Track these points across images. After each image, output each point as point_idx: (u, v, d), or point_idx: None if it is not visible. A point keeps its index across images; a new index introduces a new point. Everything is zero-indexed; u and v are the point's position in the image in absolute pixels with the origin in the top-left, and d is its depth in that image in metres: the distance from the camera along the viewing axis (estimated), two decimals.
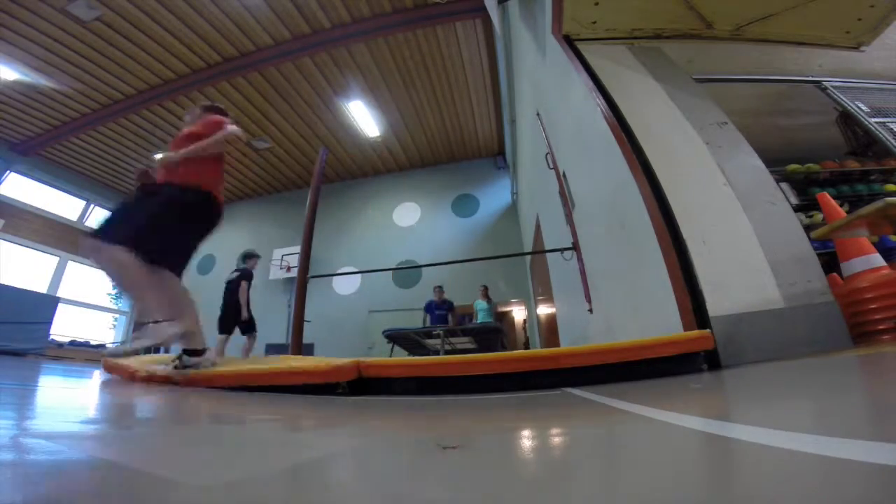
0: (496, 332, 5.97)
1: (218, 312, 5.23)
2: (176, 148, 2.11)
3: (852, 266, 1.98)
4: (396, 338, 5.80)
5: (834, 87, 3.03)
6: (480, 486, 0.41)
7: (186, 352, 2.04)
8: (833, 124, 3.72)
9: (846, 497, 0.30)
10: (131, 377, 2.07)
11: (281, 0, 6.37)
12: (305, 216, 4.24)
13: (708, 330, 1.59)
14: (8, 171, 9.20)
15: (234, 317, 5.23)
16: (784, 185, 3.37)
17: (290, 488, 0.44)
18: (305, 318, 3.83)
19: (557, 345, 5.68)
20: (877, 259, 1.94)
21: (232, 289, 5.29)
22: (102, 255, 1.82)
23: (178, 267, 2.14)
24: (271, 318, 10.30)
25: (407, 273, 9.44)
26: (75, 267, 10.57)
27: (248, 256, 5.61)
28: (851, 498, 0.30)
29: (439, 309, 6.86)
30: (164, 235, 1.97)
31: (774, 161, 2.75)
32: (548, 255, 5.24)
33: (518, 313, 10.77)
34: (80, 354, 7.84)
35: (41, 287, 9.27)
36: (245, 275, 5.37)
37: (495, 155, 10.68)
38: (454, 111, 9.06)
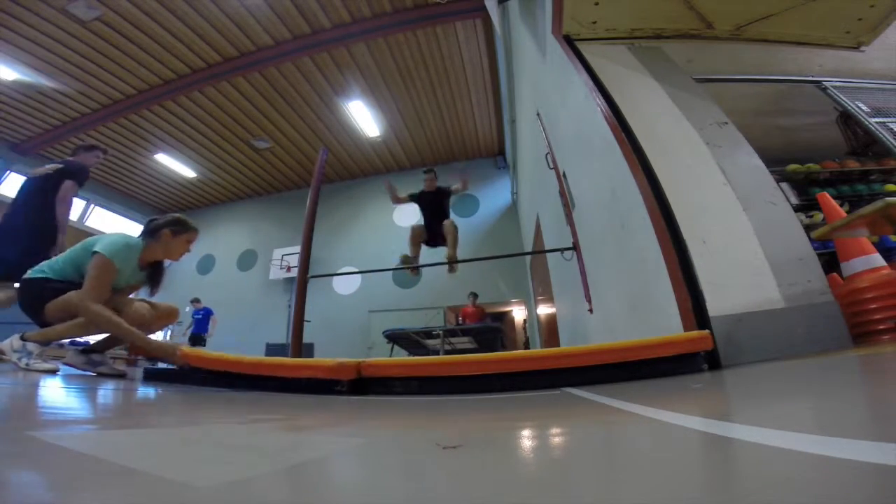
0: (496, 332, 5.97)
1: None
2: None
3: (852, 266, 1.98)
4: (396, 338, 5.81)
5: (834, 87, 3.03)
6: (481, 485, 0.41)
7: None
8: (833, 124, 3.72)
9: (846, 497, 0.30)
10: None
11: (281, 0, 6.37)
12: (305, 216, 4.24)
13: (707, 330, 1.59)
14: (8, 172, 9.19)
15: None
16: (784, 185, 3.37)
17: (291, 488, 0.44)
18: (305, 318, 3.83)
19: (557, 345, 5.68)
20: (877, 259, 1.94)
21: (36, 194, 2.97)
22: None
23: None
24: (271, 319, 10.31)
25: (407, 274, 9.44)
26: None
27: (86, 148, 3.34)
28: (851, 498, 0.30)
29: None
30: None
31: (774, 161, 2.75)
32: (548, 255, 5.24)
33: (518, 313, 10.78)
34: None
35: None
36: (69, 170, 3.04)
37: (495, 155, 10.69)
38: (454, 111, 9.06)
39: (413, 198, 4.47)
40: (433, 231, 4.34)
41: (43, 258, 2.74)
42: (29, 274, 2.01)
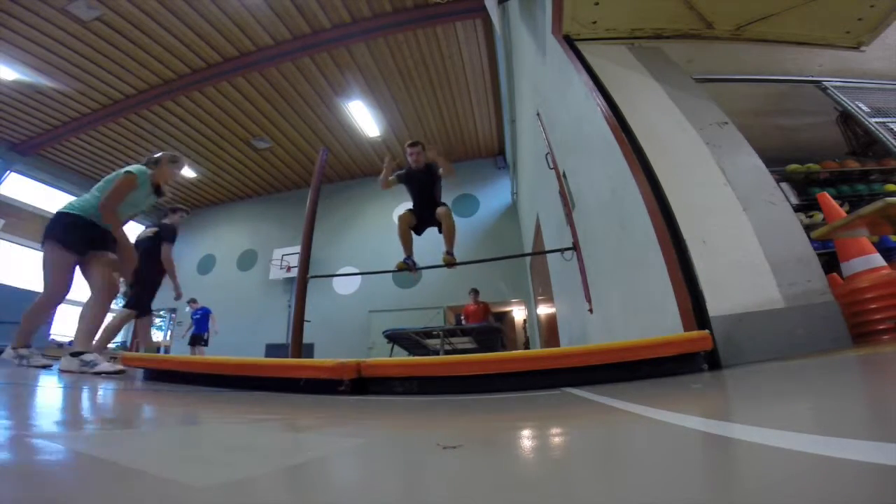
0: (496, 332, 5.97)
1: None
2: None
3: (852, 266, 1.98)
4: (396, 338, 5.81)
5: (834, 87, 3.03)
6: (480, 485, 0.41)
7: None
8: (833, 124, 3.71)
9: (846, 497, 0.30)
10: None
11: (281, 0, 6.37)
12: (305, 216, 4.24)
13: (707, 330, 1.59)
14: (8, 171, 9.19)
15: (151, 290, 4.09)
16: (784, 185, 3.36)
17: (291, 488, 0.44)
18: (305, 318, 3.83)
19: (557, 345, 5.68)
20: (877, 259, 1.94)
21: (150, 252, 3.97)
22: None
23: None
24: (271, 319, 10.31)
25: (407, 273, 9.44)
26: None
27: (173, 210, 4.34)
28: (851, 498, 0.30)
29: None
30: None
31: (774, 161, 2.75)
32: (548, 255, 5.24)
33: (518, 313, 10.78)
34: None
35: (41, 287, 9.27)
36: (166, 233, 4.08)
37: (495, 155, 10.68)
38: (454, 111, 9.06)
39: (401, 179, 3.96)
40: (424, 218, 3.87)
41: (152, 289, 4.08)
42: (61, 208, 2.46)
